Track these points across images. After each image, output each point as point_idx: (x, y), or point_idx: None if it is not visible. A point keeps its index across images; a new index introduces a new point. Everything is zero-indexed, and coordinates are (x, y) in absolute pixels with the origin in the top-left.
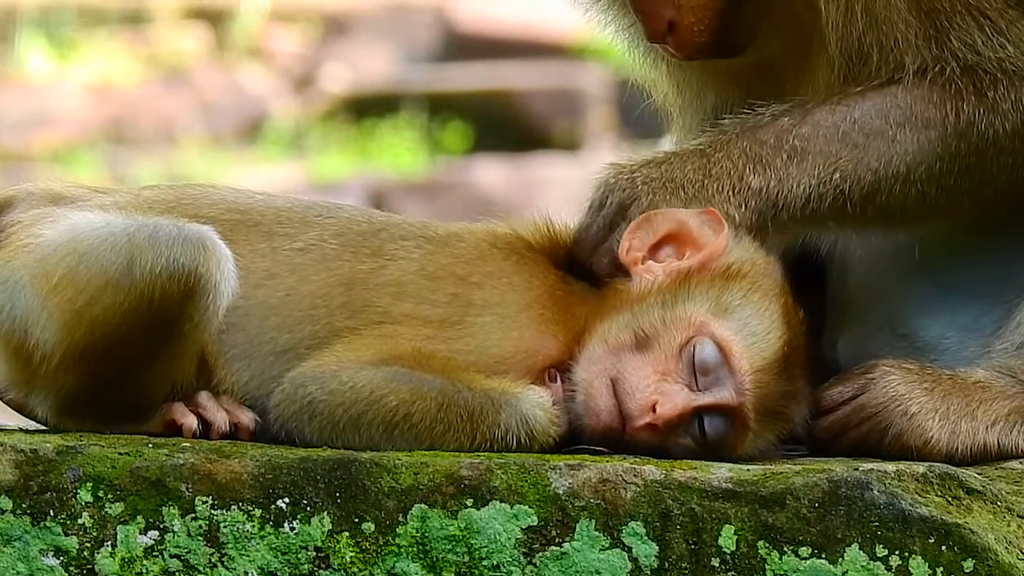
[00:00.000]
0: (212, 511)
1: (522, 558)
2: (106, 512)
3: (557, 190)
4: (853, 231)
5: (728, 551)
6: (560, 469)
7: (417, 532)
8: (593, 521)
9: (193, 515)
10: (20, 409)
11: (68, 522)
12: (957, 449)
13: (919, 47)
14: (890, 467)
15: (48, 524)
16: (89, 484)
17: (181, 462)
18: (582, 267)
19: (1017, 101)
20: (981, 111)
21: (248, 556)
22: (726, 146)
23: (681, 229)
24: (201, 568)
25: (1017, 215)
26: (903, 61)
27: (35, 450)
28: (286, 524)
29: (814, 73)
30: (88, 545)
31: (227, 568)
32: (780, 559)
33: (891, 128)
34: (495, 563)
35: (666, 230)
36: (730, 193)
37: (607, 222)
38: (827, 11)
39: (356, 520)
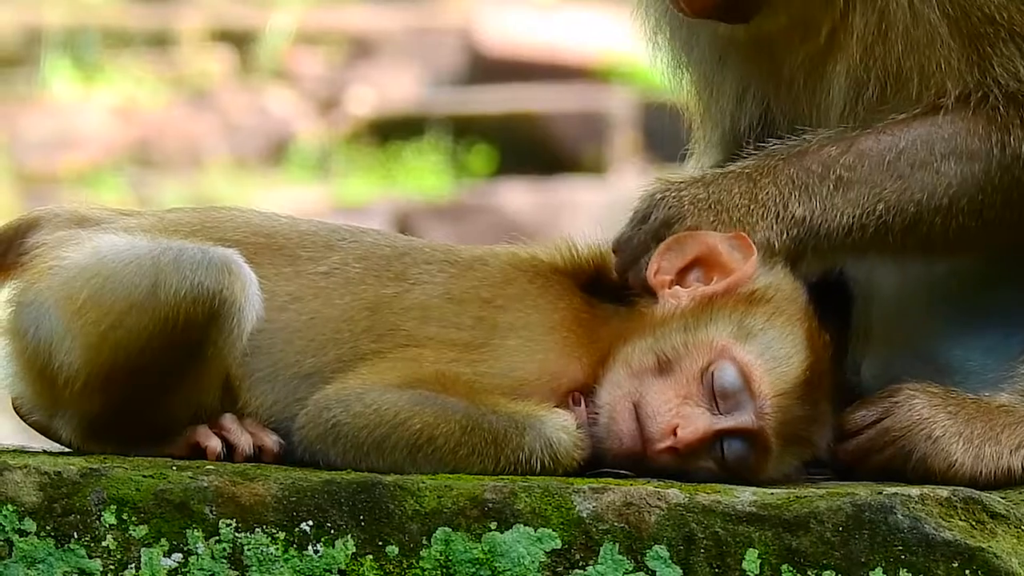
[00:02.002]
0: (236, 534)
1: None
2: (130, 534)
3: (582, 213)
4: (891, 260)
5: (752, 575)
6: (584, 492)
7: (441, 555)
8: (617, 544)
9: (217, 538)
10: (44, 431)
11: (92, 544)
12: (981, 473)
13: (962, 72)
14: (914, 491)
15: (72, 546)
16: (113, 506)
17: (205, 484)
18: (619, 278)
19: None
20: None
21: None
22: (773, 172)
23: (711, 253)
24: None
25: None
26: (945, 86)
27: (59, 472)
28: (310, 547)
29: (826, 74)
30: (112, 568)
31: None
32: None
33: (936, 159)
34: None
35: (695, 253)
36: (773, 221)
37: (648, 236)
38: (853, 19)
39: (380, 543)
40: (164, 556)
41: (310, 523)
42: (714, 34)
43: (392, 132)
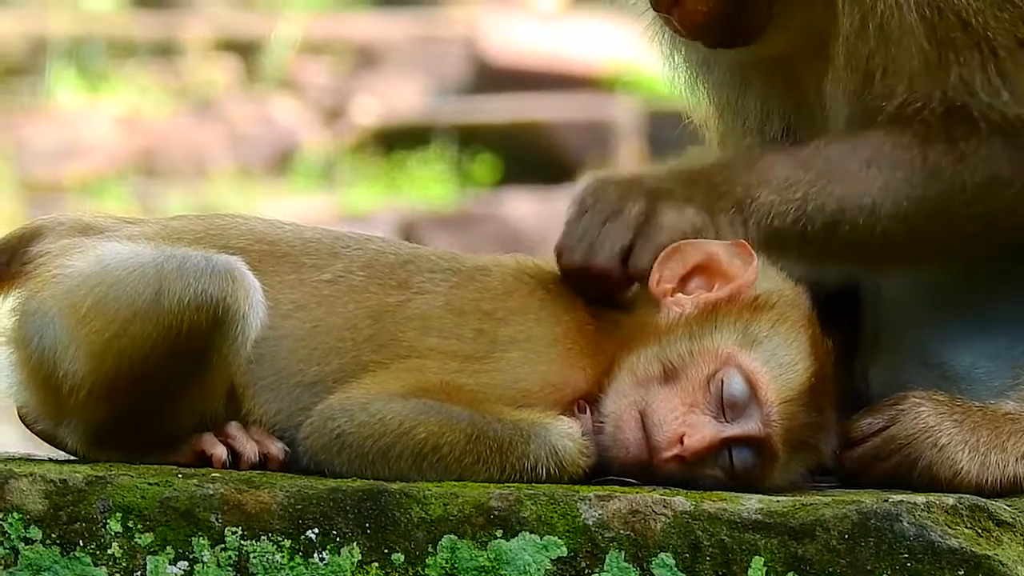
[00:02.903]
0: (242, 541)
1: None
2: (136, 542)
3: None
4: (820, 262)
5: None
6: (590, 500)
7: (447, 563)
8: (623, 552)
9: (223, 545)
10: (50, 439)
11: (98, 552)
12: (987, 481)
13: (916, 75)
14: (920, 499)
15: (78, 554)
16: (119, 514)
17: (211, 492)
18: (574, 277)
19: (989, 156)
20: (948, 160)
21: None
22: (720, 168)
23: (711, 260)
24: None
25: None
26: (896, 88)
27: (65, 480)
28: (315, 555)
29: (831, 87)
30: (118, 575)
31: None
32: None
33: (859, 165)
34: None
35: (696, 261)
36: (705, 196)
37: (595, 222)
38: (843, 19)
39: (386, 551)
40: (170, 564)
41: (316, 531)
42: (732, 55)
43: (397, 141)
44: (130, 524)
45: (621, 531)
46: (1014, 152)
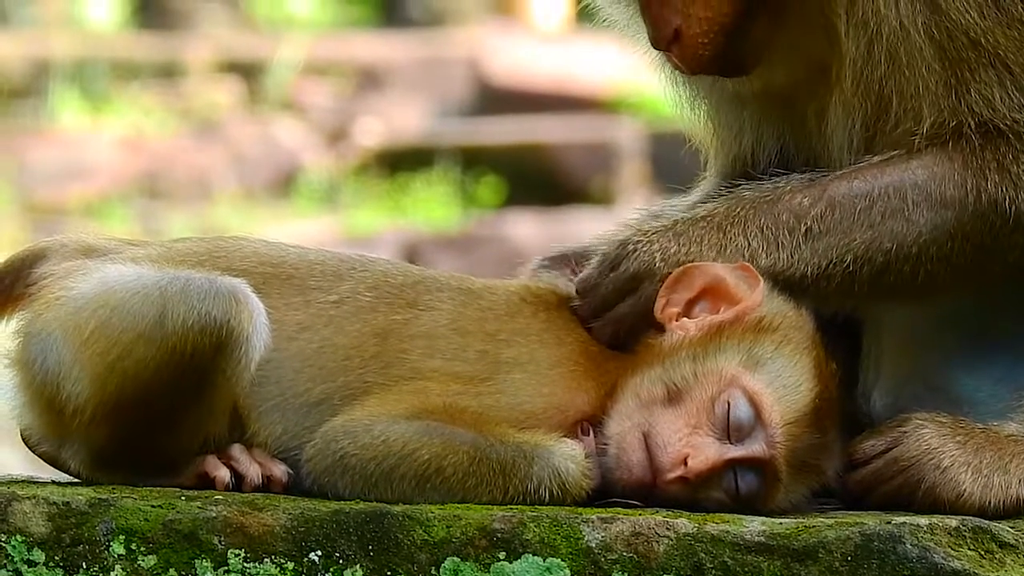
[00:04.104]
0: (245, 564)
1: None
2: (139, 565)
3: None
4: (854, 305)
5: None
6: (593, 522)
7: None
8: (626, 574)
9: (226, 568)
10: (53, 462)
11: (101, 575)
12: (990, 503)
13: (939, 97)
14: (923, 521)
15: None
16: (122, 536)
17: (214, 515)
18: (583, 323)
19: None
20: (1004, 188)
21: None
22: (743, 222)
23: (717, 284)
24: None
25: None
26: (921, 112)
27: (68, 503)
28: None
29: (827, 106)
30: None
31: None
32: None
33: (908, 207)
34: None
35: (702, 285)
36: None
37: (617, 287)
38: (847, 44)
39: (389, 573)
40: None
41: (319, 553)
42: (732, 82)
43: (400, 163)
44: (133, 546)
45: (624, 553)
46: None
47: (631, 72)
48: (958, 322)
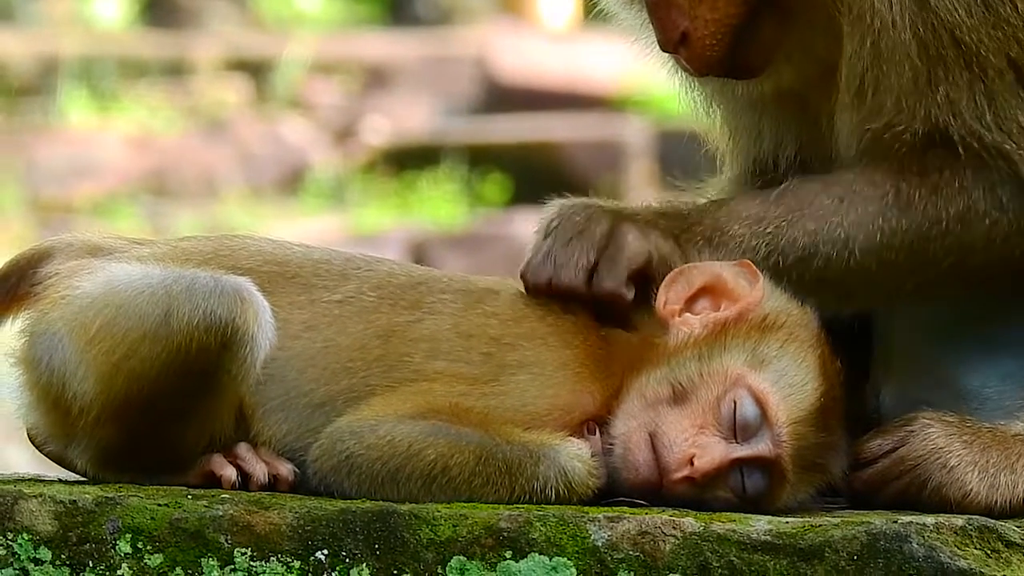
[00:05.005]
0: (251, 563)
1: None
2: (145, 563)
3: None
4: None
5: None
6: (599, 521)
7: None
8: (632, 573)
9: (232, 566)
10: (59, 461)
11: (107, 573)
12: (996, 502)
13: (905, 93)
14: (929, 520)
15: (87, 575)
16: (128, 535)
17: (220, 513)
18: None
19: (963, 187)
20: (922, 192)
21: None
22: (690, 205)
23: (717, 281)
24: None
25: None
26: (884, 105)
27: (74, 501)
28: None
29: (840, 112)
30: None
31: None
32: None
33: (831, 199)
34: None
35: (702, 282)
36: (672, 223)
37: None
38: (847, 43)
39: (395, 572)
40: None
41: (325, 552)
42: (744, 84)
43: (407, 161)
44: (139, 545)
45: (630, 552)
46: (989, 183)
47: (639, 70)
48: (966, 320)
